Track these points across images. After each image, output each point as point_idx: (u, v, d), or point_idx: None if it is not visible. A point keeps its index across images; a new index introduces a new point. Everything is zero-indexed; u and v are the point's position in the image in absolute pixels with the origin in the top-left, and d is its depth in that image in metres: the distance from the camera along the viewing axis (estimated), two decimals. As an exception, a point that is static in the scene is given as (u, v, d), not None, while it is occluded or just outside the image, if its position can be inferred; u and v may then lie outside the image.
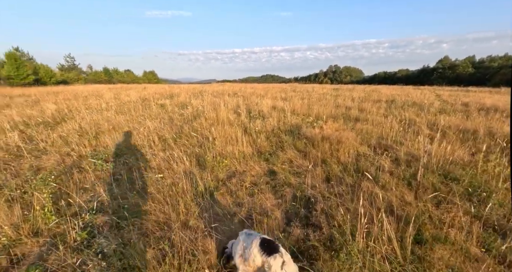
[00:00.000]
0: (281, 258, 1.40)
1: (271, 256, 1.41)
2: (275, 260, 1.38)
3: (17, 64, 24.03)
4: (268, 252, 1.43)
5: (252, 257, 1.46)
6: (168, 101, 10.96)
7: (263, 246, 1.47)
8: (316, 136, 4.77)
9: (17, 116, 6.39)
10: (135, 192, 2.73)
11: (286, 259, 1.41)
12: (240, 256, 1.52)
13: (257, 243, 1.48)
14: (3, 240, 1.90)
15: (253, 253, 1.46)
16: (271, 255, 1.41)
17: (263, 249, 1.46)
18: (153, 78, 60.37)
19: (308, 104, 9.98)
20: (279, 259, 1.39)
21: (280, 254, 1.42)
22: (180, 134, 5.09)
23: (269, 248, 1.45)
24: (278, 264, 1.37)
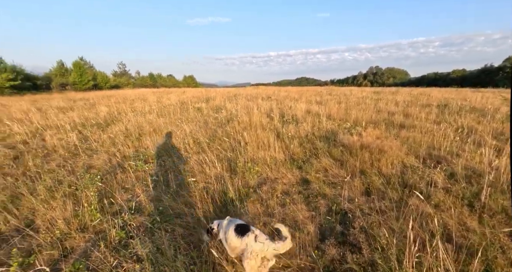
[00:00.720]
0: (253, 234, 1.72)
1: (244, 235, 1.73)
2: (248, 237, 1.72)
3: (80, 71, 27.63)
4: (242, 234, 1.75)
5: (229, 241, 1.79)
6: (204, 104, 11.41)
7: (237, 230, 1.78)
8: (354, 143, 4.43)
9: (77, 118, 7.24)
10: (169, 195, 2.81)
11: (257, 233, 1.74)
12: (223, 238, 1.88)
13: (232, 229, 1.79)
14: (56, 233, 2.09)
15: (229, 238, 1.79)
16: (244, 235, 1.73)
17: (237, 232, 1.77)
18: (192, 82, 63.95)
19: (345, 108, 9.45)
20: (252, 235, 1.72)
21: (252, 231, 1.75)
22: (214, 138, 5.20)
23: (242, 230, 1.76)
24: (252, 239, 1.70)
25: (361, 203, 2.88)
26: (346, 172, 3.67)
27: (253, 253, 1.64)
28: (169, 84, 50.90)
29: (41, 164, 3.64)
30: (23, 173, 3.36)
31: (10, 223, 2.22)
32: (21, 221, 2.23)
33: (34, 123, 6.08)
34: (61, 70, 28.08)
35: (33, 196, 2.49)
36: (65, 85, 25.11)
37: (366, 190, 3.21)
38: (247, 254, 1.66)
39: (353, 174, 3.57)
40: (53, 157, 4.01)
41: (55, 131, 5.57)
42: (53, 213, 2.27)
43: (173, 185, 3.10)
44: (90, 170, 3.58)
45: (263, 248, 1.65)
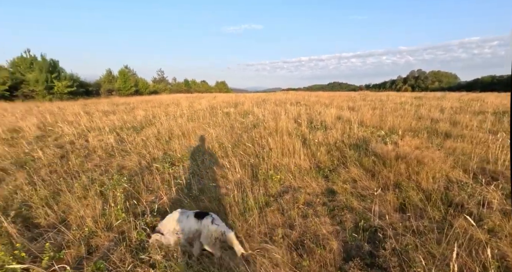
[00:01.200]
0: (211, 217, 2.00)
1: (203, 218, 1.99)
2: (207, 220, 1.99)
3: (124, 78, 30.40)
4: (201, 217, 2.02)
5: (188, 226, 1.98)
6: (232, 109, 11.61)
7: (197, 215, 2.03)
8: (389, 153, 4.05)
9: (117, 121, 7.88)
10: (190, 199, 2.83)
11: (214, 217, 2.01)
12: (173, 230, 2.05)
13: (192, 215, 2.04)
14: (85, 231, 2.22)
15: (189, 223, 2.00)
16: (203, 218, 2.00)
17: (197, 217, 2.02)
18: (223, 88, 66.10)
19: (381, 114, 8.82)
20: (210, 218, 1.98)
21: (210, 215, 2.02)
22: (239, 143, 5.20)
23: (202, 215, 2.04)
24: (209, 220, 1.98)
25: (395, 221, 2.58)
26: (377, 184, 3.35)
27: (209, 232, 1.94)
28: (202, 89, 53.26)
29: (81, 163, 3.99)
30: (65, 171, 3.71)
31: (49, 217, 2.43)
32: (58, 216, 2.42)
33: (81, 125, 6.75)
34: (108, 77, 31.21)
35: (70, 193, 2.70)
36: (111, 91, 27.84)
37: (401, 206, 2.88)
38: (203, 234, 1.96)
39: (386, 187, 3.25)
40: (92, 157, 4.38)
41: (97, 133, 6.11)
42: (84, 211, 2.42)
43: (195, 189, 3.13)
44: (122, 170, 3.81)
45: (218, 230, 1.94)
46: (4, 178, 3.29)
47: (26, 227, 2.28)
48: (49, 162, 3.92)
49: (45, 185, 3.02)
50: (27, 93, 18.50)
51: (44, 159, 4.00)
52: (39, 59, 20.29)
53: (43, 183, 3.06)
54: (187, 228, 1.99)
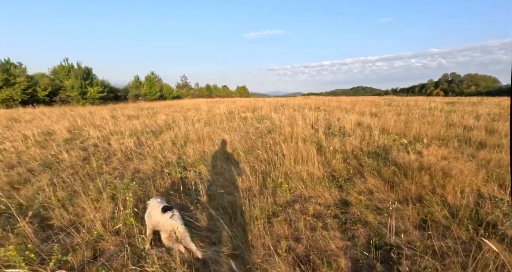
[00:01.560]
0: (172, 213, 2.20)
1: (166, 213, 2.20)
2: (167, 214, 2.18)
3: (150, 84, 32.04)
4: (164, 211, 2.22)
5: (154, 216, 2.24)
6: (250, 114, 11.65)
7: (163, 209, 2.25)
8: (411, 163, 3.75)
9: (139, 125, 8.25)
10: (196, 206, 2.82)
11: (175, 213, 2.22)
12: (148, 214, 2.33)
13: (160, 207, 2.27)
14: (94, 234, 2.29)
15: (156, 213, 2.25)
16: (166, 212, 2.20)
17: (163, 210, 2.23)
18: (244, 92, 66.94)
19: (406, 121, 8.30)
20: (170, 213, 2.19)
21: (172, 211, 2.23)
22: (252, 148, 5.15)
23: (167, 209, 2.24)
24: (168, 216, 2.17)
25: (413, 239, 2.34)
26: (396, 197, 3.10)
27: (165, 226, 2.16)
28: (223, 94, 54.40)
29: (100, 165, 4.19)
30: (86, 173, 3.92)
31: (63, 219, 2.55)
32: (71, 218, 2.53)
33: (105, 129, 7.16)
34: (136, 83, 33.11)
35: (85, 196, 2.83)
36: (138, 96, 29.46)
37: (422, 222, 2.62)
38: (161, 226, 2.19)
39: (405, 201, 2.99)
40: (112, 160, 4.59)
41: (119, 136, 6.43)
42: (95, 214, 2.51)
43: (203, 195, 3.12)
44: (137, 174, 3.93)
45: (173, 224, 2.13)
46: (30, 179, 3.55)
47: (42, 228, 2.41)
48: (72, 164, 4.17)
49: (64, 186, 3.21)
50: (64, 98, 20.24)
51: (68, 161, 4.27)
52: (75, 67, 22.15)
53: (63, 184, 3.25)
54: (153, 216, 2.26)
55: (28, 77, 18.47)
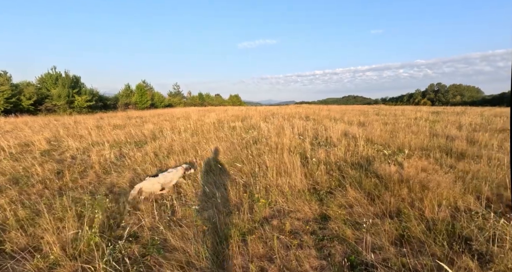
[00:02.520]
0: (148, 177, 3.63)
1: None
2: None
3: (141, 92, 31.77)
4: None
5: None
6: (239, 123, 11.61)
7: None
8: (392, 175, 3.75)
9: (123, 135, 8.06)
10: (167, 225, 2.70)
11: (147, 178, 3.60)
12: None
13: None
14: (51, 259, 2.12)
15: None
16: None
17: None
18: (237, 101, 67.20)
19: (392, 130, 8.44)
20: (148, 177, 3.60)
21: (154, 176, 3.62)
22: (236, 160, 5.07)
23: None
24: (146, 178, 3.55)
25: (390, 256, 2.29)
26: (376, 210, 3.07)
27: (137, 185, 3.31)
28: (215, 102, 54.43)
29: (75, 179, 4.02)
30: (59, 187, 3.74)
31: (20, 242, 2.37)
32: (29, 241, 2.36)
33: (87, 140, 6.96)
34: (127, 92, 32.77)
35: (50, 214, 2.67)
36: (128, 104, 29.10)
37: (400, 237, 2.58)
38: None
39: (385, 214, 2.96)
40: (88, 173, 4.41)
41: (100, 148, 6.24)
42: (57, 235, 2.35)
43: (178, 211, 3.00)
44: (113, 188, 3.77)
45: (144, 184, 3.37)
46: (-5, 195, 3.35)
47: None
48: (44, 179, 3.97)
49: (29, 204, 3.03)
50: (49, 107, 19.76)
51: (40, 175, 4.07)
52: (63, 75, 21.80)
53: (29, 202, 3.07)
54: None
55: (13, 86, 18.02)
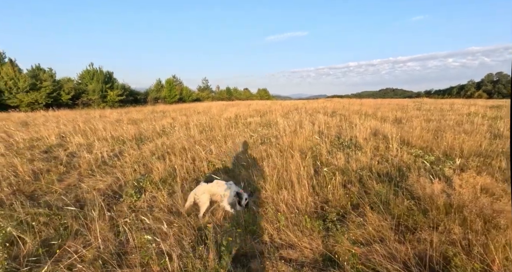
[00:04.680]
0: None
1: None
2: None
3: (170, 87, 32.68)
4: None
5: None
6: (257, 119, 10.83)
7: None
8: (435, 197, 2.66)
9: (134, 130, 7.85)
10: (109, 264, 2.05)
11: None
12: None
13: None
14: None
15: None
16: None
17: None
18: (265, 95, 66.28)
19: (436, 129, 6.92)
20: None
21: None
22: (235, 163, 4.33)
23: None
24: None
25: None
26: (408, 252, 2.07)
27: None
28: (243, 97, 54.22)
29: (52, 183, 3.66)
30: (32, 192, 3.40)
31: None
32: None
33: (96, 135, 6.83)
34: (158, 86, 34.00)
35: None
36: (157, 99, 30.15)
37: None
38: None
39: (421, 262, 1.96)
40: (72, 174, 4.07)
41: (103, 144, 5.99)
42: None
43: (133, 238, 2.36)
44: (86, 194, 3.30)
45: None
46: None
47: None
48: (22, 180, 3.68)
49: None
50: (85, 102, 21.20)
51: (20, 176, 3.80)
52: (99, 71, 23.17)
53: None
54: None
55: (55, 82, 19.61)
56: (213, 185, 2.86)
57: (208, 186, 2.84)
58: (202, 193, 2.78)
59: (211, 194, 2.83)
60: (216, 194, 2.84)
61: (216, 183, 2.88)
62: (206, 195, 2.79)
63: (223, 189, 2.83)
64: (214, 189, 2.83)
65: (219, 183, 2.89)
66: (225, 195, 2.81)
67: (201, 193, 2.78)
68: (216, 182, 2.89)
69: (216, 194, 2.83)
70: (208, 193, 2.81)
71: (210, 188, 2.83)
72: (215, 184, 2.87)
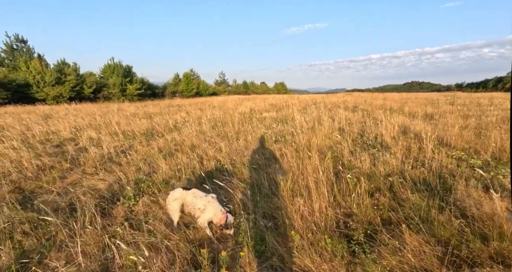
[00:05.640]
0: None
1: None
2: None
3: (187, 81, 32.86)
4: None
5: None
6: (273, 113, 10.34)
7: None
8: (494, 215, 2.07)
9: (146, 124, 7.71)
10: None
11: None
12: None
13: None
14: None
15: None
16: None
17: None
18: (282, 89, 65.00)
19: (478, 127, 6.06)
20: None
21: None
22: (244, 165, 3.92)
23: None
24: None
25: None
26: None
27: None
28: (260, 91, 53.53)
29: (53, 180, 3.48)
30: (32, 190, 3.23)
31: None
32: None
33: (109, 129, 6.74)
34: (176, 81, 34.34)
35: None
36: (175, 92, 30.46)
37: None
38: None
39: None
40: (76, 171, 3.88)
41: (115, 139, 5.86)
42: None
43: (115, 256, 2.04)
44: (83, 196, 3.06)
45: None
46: None
47: None
48: (22, 177, 3.54)
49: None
50: (106, 95, 21.85)
51: (24, 171, 3.68)
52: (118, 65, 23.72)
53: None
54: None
55: (78, 76, 20.33)
56: (189, 194, 2.43)
57: (183, 193, 2.43)
58: (174, 199, 2.38)
59: (184, 203, 2.41)
60: (190, 206, 2.39)
61: (193, 193, 2.44)
62: (178, 203, 2.38)
63: (200, 203, 2.37)
64: (188, 198, 2.41)
65: (196, 194, 2.44)
66: (201, 210, 2.35)
67: (172, 199, 2.38)
68: (193, 192, 2.46)
69: (190, 205, 2.39)
70: (180, 201, 2.40)
71: (185, 196, 2.42)
72: (191, 193, 2.44)
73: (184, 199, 2.38)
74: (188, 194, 2.40)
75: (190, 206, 2.40)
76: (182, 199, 2.38)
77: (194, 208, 2.39)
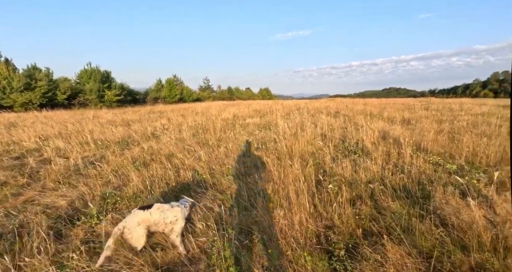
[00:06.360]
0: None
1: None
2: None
3: (170, 87, 32.15)
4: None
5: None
6: (256, 120, 10.23)
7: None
8: (474, 225, 2.04)
9: (122, 132, 7.30)
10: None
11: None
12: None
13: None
14: None
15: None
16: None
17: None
18: (266, 95, 65.47)
19: (451, 132, 6.28)
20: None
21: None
22: (224, 174, 3.74)
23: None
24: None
25: None
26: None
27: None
28: (245, 96, 53.55)
29: (5, 198, 3.09)
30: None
31: None
32: None
33: (79, 139, 6.28)
34: (158, 86, 33.49)
35: None
36: (157, 98, 29.63)
37: None
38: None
39: None
40: (34, 186, 3.49)
41: (86, 149, 5.45)
42: None
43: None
44: (36, 217, 2.70)
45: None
46: None
47: None
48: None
49: None
50: (82, 102, 20.75)
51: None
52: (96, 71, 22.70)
53: None
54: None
55: (50, 81, 19.17)
56: (154, 212, 2.13)
57: (145, 213, 2.11)
58: (137, 225, 2.04)
59: (150, 224, 2.11)
60: (159, 223, 2.12)
61: (158, 209, 2.16)
62: (142, 227, 2.05)
63: (170, 215, 2.14)
64: (155, 216, 2.12)
65: (162, 208, 2.17)
66: (173, 222, 2.13)
67: (134, 225, 2.03)
68: (158, 207, 2.17)
69: (159, 222, 2.12)
70: (145, 223, 2.08)
71: (149, 216, 2.11)
72: (156, 209, 2.14)
73: (148, 220, 2.11)
74: (152, 212, 2.13)
75: (159, 223, 2.16)
76: (147, 220, 2.10)
77: (164, 223, 2.16)
